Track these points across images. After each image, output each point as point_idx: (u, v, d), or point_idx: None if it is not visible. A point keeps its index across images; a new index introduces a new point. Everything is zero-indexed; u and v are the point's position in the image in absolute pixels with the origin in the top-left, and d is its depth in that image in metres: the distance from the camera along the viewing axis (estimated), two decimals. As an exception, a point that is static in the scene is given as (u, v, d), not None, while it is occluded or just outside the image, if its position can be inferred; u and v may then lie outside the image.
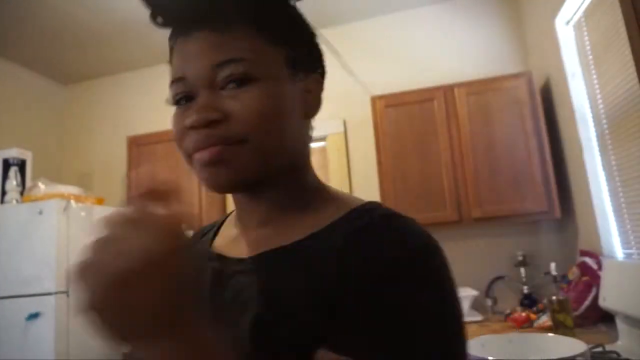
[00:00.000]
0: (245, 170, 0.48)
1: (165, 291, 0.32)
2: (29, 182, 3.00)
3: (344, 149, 3.08)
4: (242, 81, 0.47)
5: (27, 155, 3.08)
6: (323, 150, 3.16)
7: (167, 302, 0.32)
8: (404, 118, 2.67)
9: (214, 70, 0.47)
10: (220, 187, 0.50)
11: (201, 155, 0.48)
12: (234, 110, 0.47)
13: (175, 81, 0.50)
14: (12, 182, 2.91)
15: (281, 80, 0.50)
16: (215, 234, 0.63)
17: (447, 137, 2.58)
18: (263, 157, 0.48)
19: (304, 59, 0.54)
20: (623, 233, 2.05)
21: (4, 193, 2.92)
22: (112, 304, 0.31)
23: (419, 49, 3.10)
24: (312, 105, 0.55)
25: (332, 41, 3.27)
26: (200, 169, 0.49)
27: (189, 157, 0.50)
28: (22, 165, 3.03)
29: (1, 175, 2.95)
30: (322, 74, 0.57)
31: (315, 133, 0.59)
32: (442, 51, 3.05)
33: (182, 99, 0.50)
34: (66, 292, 2.53)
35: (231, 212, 0.64)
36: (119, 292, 0.30)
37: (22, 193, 2.91)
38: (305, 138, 0.56)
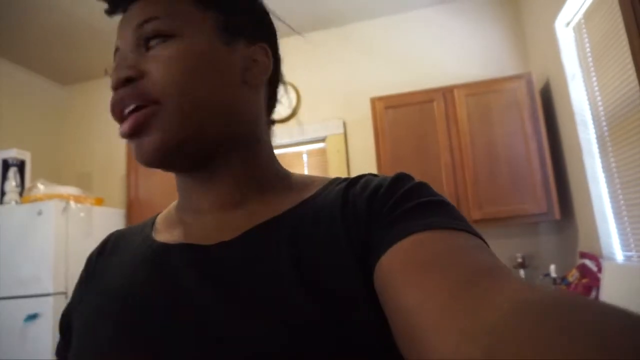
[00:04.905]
0: (165, 133, 0.45)
1: None
2: (28, 183, 3.00)
3: (343, 150, 3.08)
4: (161, 40, 0.46)
5: (26, 156, 3.08)
6: (323, 151, 3.16)
7: None
8: (403, 119, 2.67)
9: (136, 32, 0.47)
10: (148, 157, 0.46)
11: (122, 129, 0.46)
12: (150, 68, 0.46)
13: (114, 55, 0.49)
14: (11, 183, 2.91)
15: (205, 42, 0.48)
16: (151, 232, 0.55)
17: (447, 138, 2.58)
18: (181, 119, 0.45)
19: (244, 26, 0.51)
20: (623, 235, 2.05)
21: (3, 194, 2.91)
22: None
23: (419, 51, 3.10)
24: (257, 75, 0.51)
25: (332, 42, 3.27)
26: (130, 145, 0.47)
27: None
28: (21, 165, 3.03)
29: (0, 176, 2.95)
30: (272, 45, 0.54)
31: (315, 134, 0.58)
32: (442, 53, 3.05)
33: None
34: (65, 293, 2.52)
35: (157, 215, 0.58)
36: None
37: (21, 194, 2.90)
38: (253, 110, 0.52)
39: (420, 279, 0.33)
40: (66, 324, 0.52)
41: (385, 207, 0.43)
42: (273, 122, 0.58)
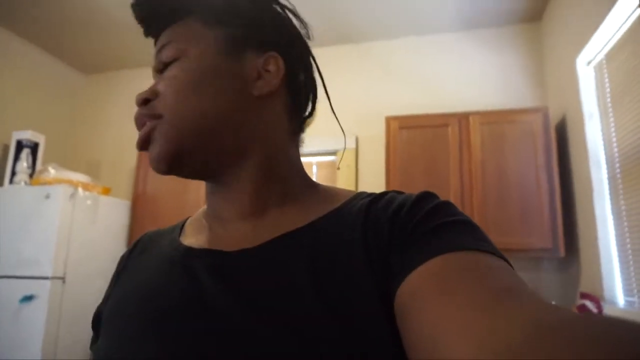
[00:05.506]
0: (165, 144, 0.48)
1: None
2: (39, 166, 3.03)
3: (353, 165, 3.08)
4: (172, 62, 0.51)
5: (41, 139, 3.12)
6: (333, 164, 3.16)
7: None
8: (416, 141, 2.67)
9: (157, 57, 0.53)
10: (155, 165, 0.50)
11: (137, 142, 0.51)
12: (160, 88, 0.51)
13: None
14: (23, 164, 2.95)
15: (208, 58, 0.51)
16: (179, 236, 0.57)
17: (458, 163, 2.58)
18: (179, 130, 0.49)
19: (251, 38, 0.52)
20: (626, 280, 2.02)
21: (13, 173, 2.95)
22: None
23: (438, 74, 3.11)
24: (268, 83, 0.51)
25: (351, 57, 3.29)
26: None
27: None
28: (34, 148, 3.07)
29: (13, 156, 2.99)
30: (286, 52, 0.54)
31: (326, 147, 0.57)
32: (461, 78, 3.06)
33: None
34: (62, 278, 2.53)
35: (187, 218, 0.61)
36: None
37: (31, 176, 2.94)
38: (266, 120, 0.52)
39: (442, 300, 0.33)
40: (97, 319, 0.54)
41: (408, 225, 0.42)
42: (300, 129, 0.58)
